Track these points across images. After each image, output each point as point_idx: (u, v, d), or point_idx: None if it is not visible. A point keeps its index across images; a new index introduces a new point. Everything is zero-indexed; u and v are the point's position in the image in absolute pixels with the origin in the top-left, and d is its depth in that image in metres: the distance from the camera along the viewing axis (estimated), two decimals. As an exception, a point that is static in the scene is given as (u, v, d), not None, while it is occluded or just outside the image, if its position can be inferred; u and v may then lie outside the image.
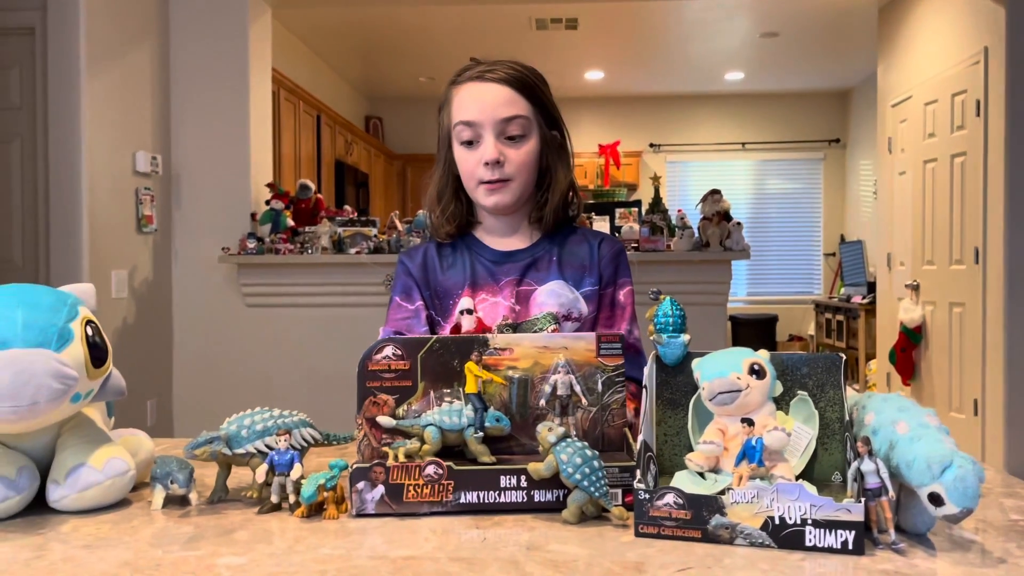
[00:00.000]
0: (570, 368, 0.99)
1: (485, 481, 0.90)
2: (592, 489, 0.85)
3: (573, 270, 1.40)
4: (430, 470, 0.90)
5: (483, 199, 1.35)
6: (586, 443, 0.88)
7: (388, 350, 0.98)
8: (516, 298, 1.37)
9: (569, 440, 0.88)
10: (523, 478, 0.90)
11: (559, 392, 0.99)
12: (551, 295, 1.37)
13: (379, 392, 0.98)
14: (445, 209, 1.41)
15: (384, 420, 0.96)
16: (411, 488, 0.89)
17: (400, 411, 0.97)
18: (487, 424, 0.95)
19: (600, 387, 1.00)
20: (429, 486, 0.90)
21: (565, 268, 1.40)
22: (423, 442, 0.94)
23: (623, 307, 1.41)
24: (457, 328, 1.33)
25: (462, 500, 0.90)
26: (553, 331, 1.31)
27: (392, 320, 1.39)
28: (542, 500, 0.90)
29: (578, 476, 0.85)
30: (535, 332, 1.30)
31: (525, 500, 0.90)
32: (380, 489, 0.89)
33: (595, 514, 0.87)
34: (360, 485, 0.89)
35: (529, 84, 1.35)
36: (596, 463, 0.86)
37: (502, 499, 0.90)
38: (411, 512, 0.89)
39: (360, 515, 0.89)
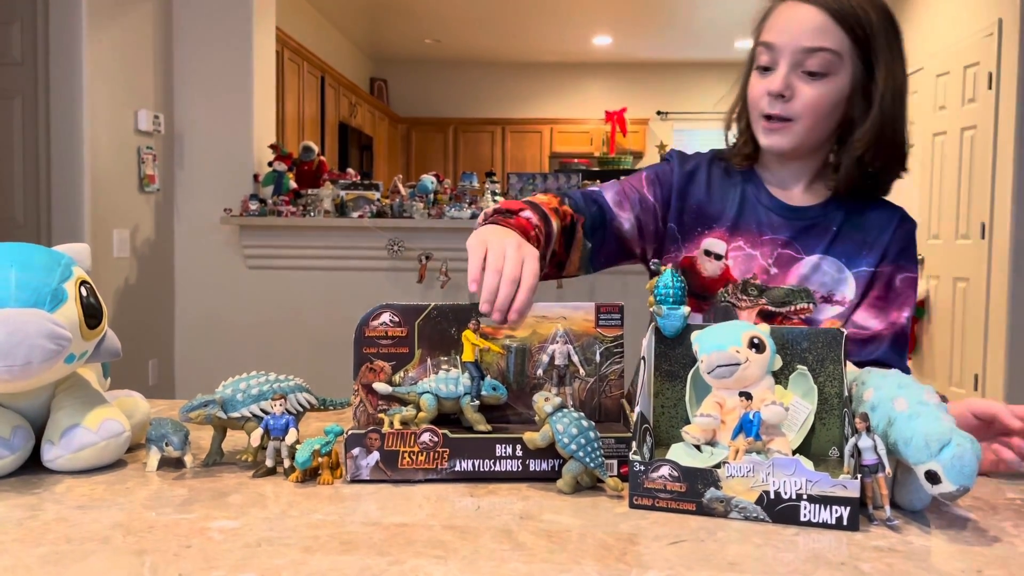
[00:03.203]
0: (568, 338, 0.99)
1: (481, 449, 0.90)
2: (587, 460, 0.85)
3: (852, 244, 1.22)
4: (425, 437, 0.89)
5: (761, 136, 1.19)
6: (582, 414, 0.88)
7: (385, 316, 0.98)
8: (775, 259, 1.22)
9: (565, 410, 0.87)
10: (519, 447, 0.90)
11: (557, 362, 0.99)
12: (815, 270, 1.21)
13: (376, 358, 0.98)
14: (743, 132, 1.25)
15: (380, 387, 0.96)
16: (406, 455, 0.89)
17: (396, 378, 0.97)
18: (484, 393, 0.95)
19: (598, 358, 0.99)
20: (424, 453, 0.89)
21: (842, 241, 1.22)
22: (419, 409, 0.94)
23: (899, 293, 1.21)
24: (693, 264, 1.24)
25: (457, 468, 0.90)
26: (802, 310, 1.20)
27: (627, 182, 1.27)
28: (537, 469, 0.90)
29: (573, 446, 0.85)
30: (783, 303, 1.20)
31: (520, 469, 0.90)
32: (375, 455, 0.89)
33: (590, 484, 0.87)
34: (355, 451, 0.89)
35: (855, 16, 1.13)
36: (592, 434, 0.86)
37: (497, 468, 0.90)
38: (405, 479, 0.89)
39: (355, 480, 0.89)
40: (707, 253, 1.23)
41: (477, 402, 0.95)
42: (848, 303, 1.20)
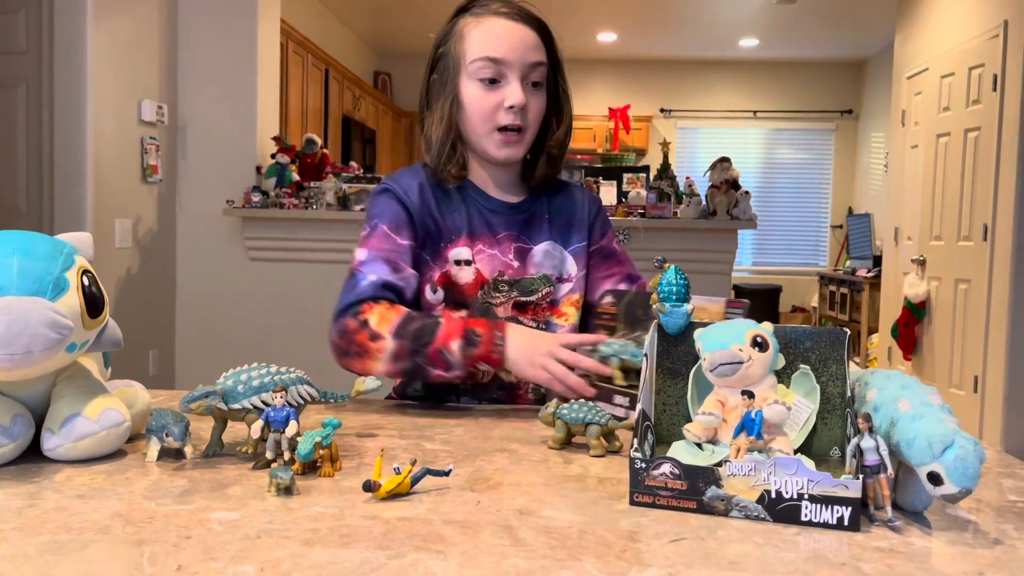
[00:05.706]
0: None
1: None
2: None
3: (561, 227, 1.38)
4: None
5: (495, 149, 1.28)
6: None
7: None
8: (514, 254, 1.33)
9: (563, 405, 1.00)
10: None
11: None
12: (546, 256, 1.36)
13: None
14: (454, 149, 1.31)
15: None
16: None
17: None
18: None
19: None
20: None
21: (554, 226, 1.37)
22: None
23: (622, 251, 1.44)
24: (449, 278, 1.30)
25: None
26: (547, 294, 1.34)
27: (380, 248, 1.28)
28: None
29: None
30: (531, 291, 1.33)
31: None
32: None
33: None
34: None
35: (549, 34, 1.31)
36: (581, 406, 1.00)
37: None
38: None
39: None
40: (457, 262, 1.30)
41: None
42: (574, 278, 1.37)
